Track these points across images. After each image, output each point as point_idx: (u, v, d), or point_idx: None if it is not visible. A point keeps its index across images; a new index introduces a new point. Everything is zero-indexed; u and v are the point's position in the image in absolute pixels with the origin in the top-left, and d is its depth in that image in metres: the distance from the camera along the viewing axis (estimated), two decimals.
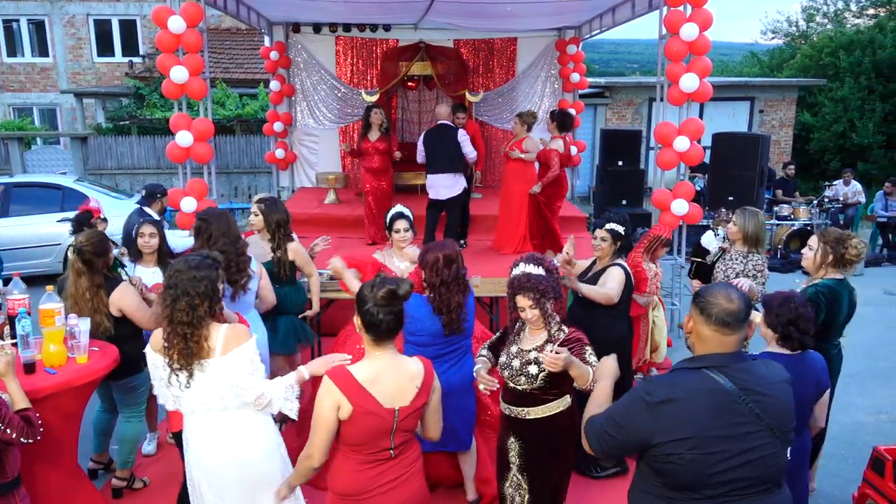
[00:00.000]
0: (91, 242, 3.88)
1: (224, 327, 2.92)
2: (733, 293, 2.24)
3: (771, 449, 2.22)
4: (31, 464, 3.27)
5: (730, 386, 2.19)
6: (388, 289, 2.55)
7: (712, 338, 2.24)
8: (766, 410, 2.20)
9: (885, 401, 5.92)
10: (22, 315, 3.59)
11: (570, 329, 3.18)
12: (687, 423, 2.17)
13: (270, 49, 10.43)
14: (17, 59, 19.03)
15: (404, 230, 4.44)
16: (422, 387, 2.64)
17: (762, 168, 7.95)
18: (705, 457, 2.16)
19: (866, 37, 18.72)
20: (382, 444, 2.60)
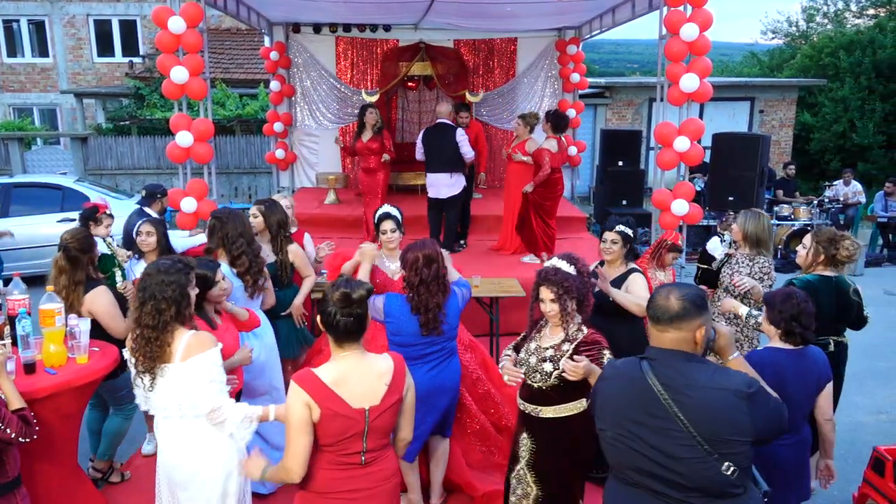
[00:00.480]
0: (76, 239, 3.88)
1: (189, 334, 2.88)
2: (674, 292, 2.28)
3: (691, 454, 2.17)
4: (32, 464, 3.27)
5: (651, 378, 2.24)
6: (341, 291, 2.55)
7: (654, 333, 2.33)
8: (687, 413, 2.17)
9: (885, 401, 5.92)
10: (22, 315, 3.59)
11: (589, 331, 3.16)
12: (608, 403, 2.36)
13: (270, 49, 10.44)
14: (17, 60, 19.04)
15: (391, 231, 4.35)
16: (392, 383, 2.61)
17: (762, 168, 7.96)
18: (621, 438, 2.28)
19: (866, 37, 18.72)
20: (354, 447, 2.56)
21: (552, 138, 7.13)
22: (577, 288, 3.15)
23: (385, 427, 2.62)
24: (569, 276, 3.14)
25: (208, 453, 2.91)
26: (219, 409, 2.84)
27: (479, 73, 10.86)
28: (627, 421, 2.27)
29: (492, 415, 4.36)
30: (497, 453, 4.27)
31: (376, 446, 2.61)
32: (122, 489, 4.24)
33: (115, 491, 4.20)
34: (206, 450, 2.91)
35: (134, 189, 13.18)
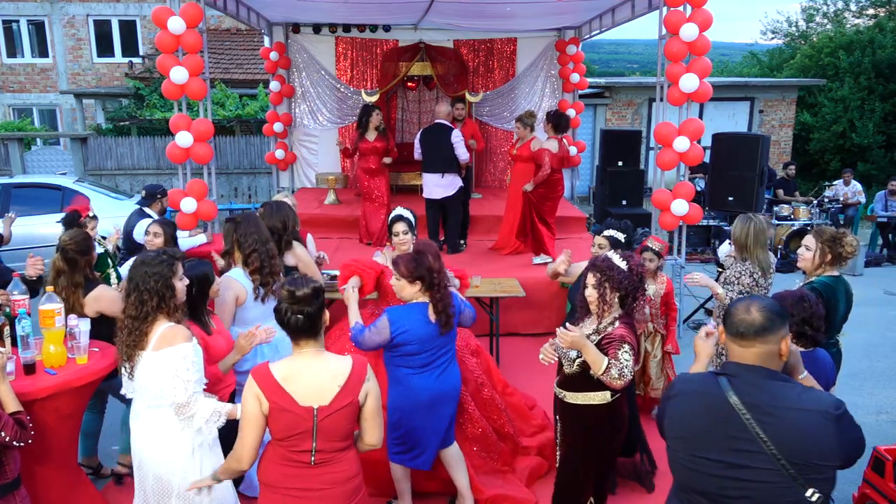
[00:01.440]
0: (75, 241, 3.90)
1: (165, 325, 2.94)
2: (755, 305, 2.17)
3: (770, 478, 2.04)
4: (31, 465, 3.27)
5: (732, 397, 2.10)
6: (287, 289, 2.58)
7: (733, 349, 2.20)
8: (771, 434, 2.04)
9: (885, 401, 5.92)
10: (22, 316, 3.59)
11: (620, 326, 3.19)
12: (682, 422, 2.20)
13: (270, 49, 10.43)
14: (16, 60, 19.04)
15: (403, 233, 4.32)
16: (345, 386, 2.58)
17: (762, 168, 7.94)
18: (696, 460, 2.14)
19: (866, 37, 18.72)
20: (303, 445, 2.56)
21: (553, 139, 7.13)
22: (622, 281, 3.17)
23: (337, 429, 2.59)
24: (616, 267, 3.19)
25: (168, 445, 2.95)
26: (186, 404, 2.88)
27: (478, 73, 10.86)
28: (703, 442, 2.13)
29: (494, 420, 4.33)
30: (498, 459, 4.23)
31: (329, 448, 2.58)
32: (121, 489, 4.23)
33: (114, 491, 4.20)
34: (166, 441, 2.95)
35: (134, 189, 13.17)
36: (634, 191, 10.93)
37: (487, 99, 10.78)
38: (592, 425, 3.25)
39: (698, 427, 2.16)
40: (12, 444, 2.84)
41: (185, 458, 2.96)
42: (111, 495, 4.12)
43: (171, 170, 13.01)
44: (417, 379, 3.55)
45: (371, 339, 3.48)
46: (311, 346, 2.61)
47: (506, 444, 4.34)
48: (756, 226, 4.69)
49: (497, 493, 3.96)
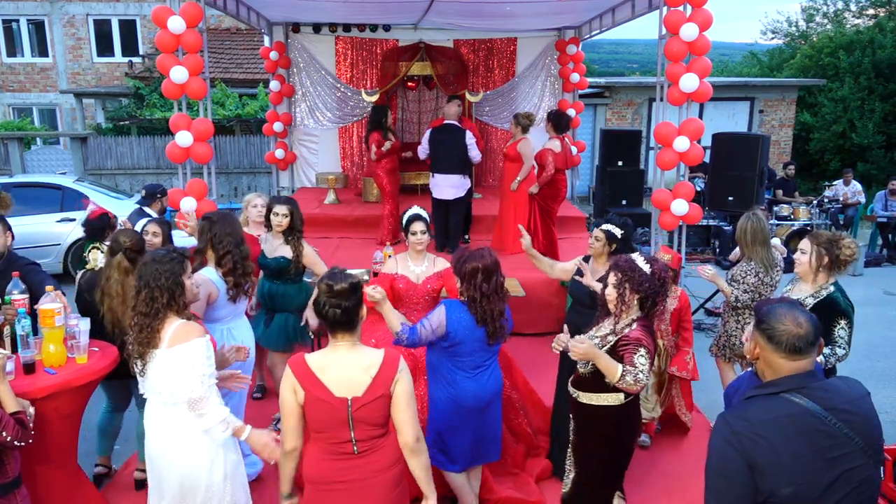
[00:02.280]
0: (134, 241, 3.94)
1: (178, 322, 2.96)
2: (800, 315, 2.11)
3: (867, 471, 2.04)
4: (32, 464, 3.27)
5: (814, 407, 2.03)
6: (325, 283, 2.63)
7: (784, 364, 2.11)
8: (855, 429, 2.03)
9: (885, 401, 5.92)
10: (21, 315, 3.59)
11: (637, 328, 3.17)
12: (779, 450, 1.99)
13: (270, 49, 10.43)
14: (16, 60, 19.04)
15: (421, 232, 4.23)
16: (377, 377, 2.62)
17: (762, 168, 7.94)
18: (806, 487, 1.98)
19: (866, 37, 18.72)
20: (342, 436, 2.61)
21: (555, 139, 7.12)
22: (642, 284, 3.16)
23: (373, 419, 2.63)
24: (638, 269, 3.18)
25: (188, 443, 2.96)
26: (202, 399, 2.89)
27: (478, 72, 10.85)
28: (808, 467, 1.98)
29: (510, 420, 4.29)
30: (510, 462, 4.20)
31: (367, 436, 2.64)
32: (122, 488, 4.23)
33: (115, 491, 4.20)
34: (186, 439, 2.96)
35: (133, 189, 13.18)
36: (634, 191, 10.93)
37: (487, 99, 10.77)
38: (606, 426, 3.24)
39: (798, 453, 1.99)
40: (13, 444, 2.84)
41: (208, 452, 2.98)
42: (111, 495, 4.12)
43: (170, 169, 13.01)
44: (470, 382, 3.51)
45: (427, 334, 3.42)
46: (346, 339, 2.66)
47: (521, 445, 4.34)
48: (753, 223, 4.68)
49: (509, 496, 3.96)
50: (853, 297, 3.91)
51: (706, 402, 5.29)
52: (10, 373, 3.29)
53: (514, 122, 7.36)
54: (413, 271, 4.27)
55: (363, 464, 2.64)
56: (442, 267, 4.30)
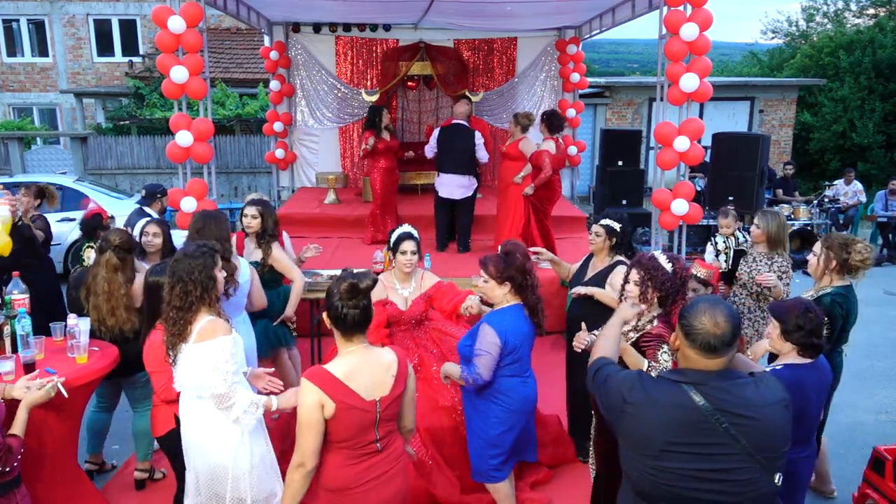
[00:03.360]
0: (123, 239, 4.00)
1: (207, 318, 3.00)
2: (720, 314, 2.15)
3: (749, 474, 2.11)
4: (31, 463, 3.27)
5: (703, 404, 2.11)
6: (349, 282, 2.60)
7: (697, 360, 2.18)
8: (745, 433, 2.10)
9: (885, 400, 5.92)
10: (21, 315, 3.59)
11: (659, 324, 3.18)
12: (651, 433, 2.13)
13: (270, 49, 10.43)
14: (16, 59, 19.03)
15: (411, 252, 4.05)
16: (398, 375, 2.70)
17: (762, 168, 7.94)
18: (663, 472, 2.12)
19: (866, 37, 18.71)
20: (368, 438, 2.63)
21: (550, 139, 7.11)
22: (664, 283, 3.17)
23: (392, 415, 2.73)
24: (660, 267, 3.19)
25: (215, 434, 3.01)
26: (224, 395, 2.94)
27: (479, 72, 10.86)
28: (676, 452, 2.11)
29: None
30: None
31: (387, 432, 2.71)
32: (122, 488, 4.24)
33: (115, 490, 4.21)
34: (214, 430, 3.01)
35: (134, 189, 13.18)
36: (634, 190, 10.92)
37: (487, 98, 10.77)
38: None
39: (666, 438, 2.11)
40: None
41: (235, 443, 3.02)
42: (111, 495, 4.12)
43: (171, 169, 13.01)
44: (524, 386, 3.51)
45: (489, 360, 3.36)
46: (361, 340, 2.67)
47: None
48: (781, 218, 4.83)
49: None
50: None
51: None
52: (11, 373, 3.30)
53: (513, 122, 7.35)
54: (400, 295, 4.13)
55: (385, 456, 2.69)
56: (429, 285, 4.19)
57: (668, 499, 2.15)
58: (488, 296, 3.52)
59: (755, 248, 5.00)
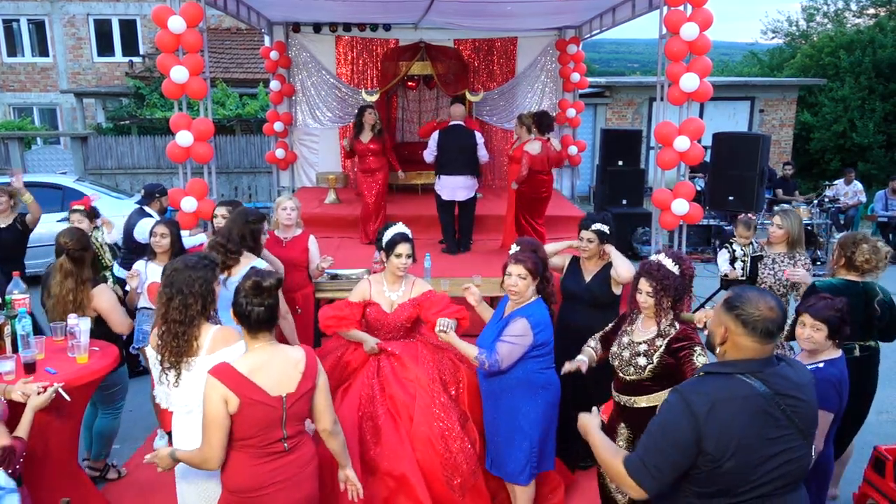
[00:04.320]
0: (74, 239, 3.94)
1: (215, 328, 2.97)
2: (770, 299, 2.19)
3: (801, 451, 2.20)
4: (32, 464, 3.27)
5: (764, 390, 2.14)
6: (253, 281, 2.65)
7: (752, 348, 2.18)
8: (797, 413, 2.17)
9: (885, 400, 5.91)
10: (22, 315, 3.59)
11: (681, 327, 3.18)
12: (729, 430, 2.11)
13: (270, 49, 10.43)
14: (17, 59, 19.03)
15: (406, 256, 3.83)
16: (305, 371, 2.72)
17: (762, 168, 7.93)
18: (745, 463, 2.11)
19: (866, 36, 18.71)
20: (275, 436, 2.64)
21: (536, 140, 7.11)
22: (676, 287, 3.18)
23: (300, 413, 2.73)
24: (670, 273, 3.18)
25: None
26: None
27: (479, 72, 10.85)
28: (751, 446, 2.12)
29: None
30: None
31: (294, 433, 2.71)
32: (122, 488, 4.25)
33: (115, 490, 4.21)
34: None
35: (134, 189, 13.17)
36: (635, 190, 10.93)
37: (488, 98, 10.77)
38: None
39: (746, 431, 2.11)
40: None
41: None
42: (111, 494, 4.12)
43: (171, 169, 13.00)
44: (556, 376, 3.56)
45: (513, 351, 3.39)
46: (267, 338, 2.71)
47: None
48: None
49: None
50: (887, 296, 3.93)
51: None
52: (11, 373, 3.30)
53: (518, 123, 7.35)
54: (387, 297, 3.93)
55: (294, 459, 2.70)
56: (420, 292, 3.98)
57: (744, 491, 2.15)
58: (520, 293, 3.50)
59: (772, 250, 5.00)
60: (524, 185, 7.12)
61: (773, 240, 4.96)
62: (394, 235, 3.85)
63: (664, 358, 3.14)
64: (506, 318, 3.57)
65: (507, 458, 3.60)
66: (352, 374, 3.95)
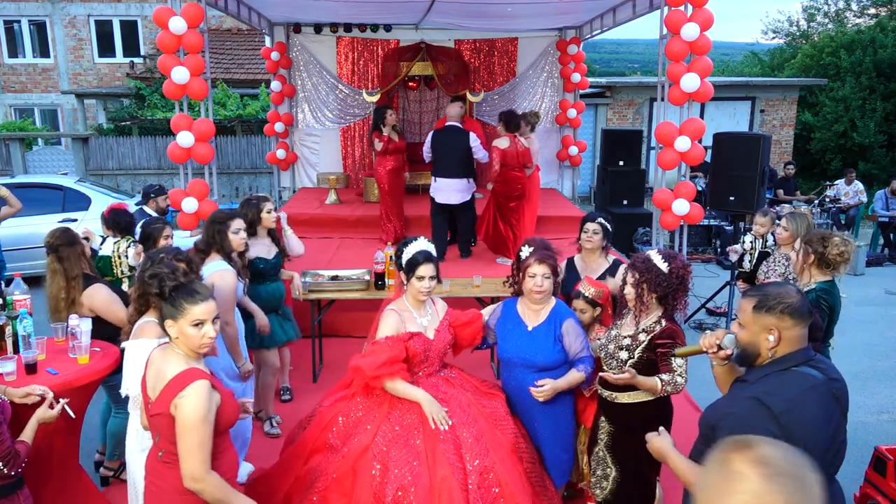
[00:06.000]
0: (55, 236, 3.98)
1: (146, 319, 3.05)
2: (790, 287, 2.23)
3: (843, 428, 2.21)
4: (34, 464, 3.27)
5: (822, 377, 2.15)
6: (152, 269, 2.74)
7: (801, 335, 2.19)
8: (841, 395, 2.19)
9: (886, 400, 5.92)
10: (23, 315, 3.59)
11: (667, 324, 3.19)
12: (805, 426, 2.07)
13: (271, 49, 10.44)
14: (18, 60, 19.05)
15: (430, 278, 3.34)
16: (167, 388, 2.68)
17: (763, 168, 7.92)
18: (820, 452, 2.06)
19: (867, 36, 18.69)
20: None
21: (504, 136, 7.09)
22: (661, 283, 3.17)
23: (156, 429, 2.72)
24: (654, 268, 3.18)
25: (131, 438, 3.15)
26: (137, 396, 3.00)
27: (479, 72, 10.86)
28: (825, 434, 2.11)
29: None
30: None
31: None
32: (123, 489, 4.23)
33: (115, 490, 4.21)
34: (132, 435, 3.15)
35: (135, 189, 13.18)
36: (635, 190, 10.92)
37: (488, 99, 10.77)
38: (649, 418, 3.19)
39: (824, 422, 2.11)
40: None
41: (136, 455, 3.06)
42: (112, 494, 4.12)
43: (172, 170, 13.02)
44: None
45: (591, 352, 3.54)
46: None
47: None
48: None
49: None
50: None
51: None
52: (12, 373, 3.30)
53: (522, 123, 7.36)
54: (419, 324, 3.40)
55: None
56: (444, 310, 3.57)
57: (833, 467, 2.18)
58: (547, 293, 3.46)
59: (779, 250, 5.04)
60: (498, 184, 7.13)
61: (779, 241, 5.03)
62: (415, 255, 3.35)
63: (645, 353, 3.16)
64: (550, 324, 3.44)
65: (556, 470, 3.55)
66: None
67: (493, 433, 3.25)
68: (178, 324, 2.50)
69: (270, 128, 10.64)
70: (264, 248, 4.75)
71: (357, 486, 3.04)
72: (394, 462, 3.06)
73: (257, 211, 4.71)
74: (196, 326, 2.49)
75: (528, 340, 3.46)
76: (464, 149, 7.30)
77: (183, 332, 2.49)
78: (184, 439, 2.40)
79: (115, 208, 5.09)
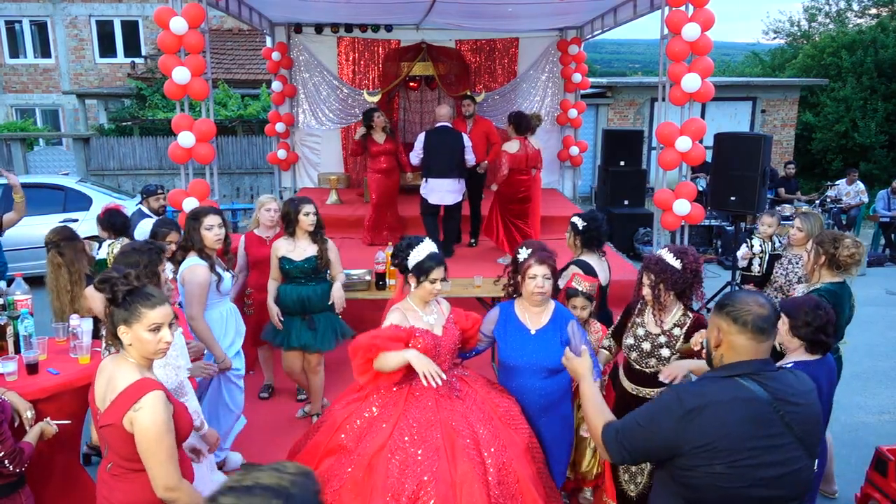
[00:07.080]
0: (56, 232, 4.03)
1: None
2: (758, 297, 2.19)
3: (801, 462, 2.11)
4: (34, 463, 3.27)
5: (763, 394, 2.08)
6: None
7: (747, 346, 2.15)
8: (796, 421, 2.10)
9: (887, 401, 5.91)
10: (24, 315, 3.60)
11: (694, 315, 3.27)
12: (719, 434, 2.05)
13: (272, 50, 10.44)
14: (19, 60, 19.07)
15: (441, 281, 3.36)
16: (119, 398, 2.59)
17: (764, 168, 7.92)
18: (739, 471, 2.04)
19: (868, 36, 18.68)
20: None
21: (515, 140, 7.12)
22: (677, 281, 3.23)
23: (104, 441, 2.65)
24: (668, 267, 3.23)
25: None
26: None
27: (480, 73, 10.86)
28: (744, 450, 2.04)
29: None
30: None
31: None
32: None
33: None
34: None
35: (136, 190, 13.19)
36: (636, 190, 10.93)
37: (489, 99, 10.77)
38: None
39: (741, 437, 2.05)
40: (2, 462, 2.80)
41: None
42: None
43: (173, 170, 13.03)
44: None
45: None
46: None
47: None
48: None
49: None
50: (855, 297, 3.91)
51: None
52: (13, 373, 3.30)
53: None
54: (426, 323, 3.39)
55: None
56: (448, 310, 3.55)
57: (732, 500, 2.08)
58: (547, 294, 3.42)
59: (790, 251, 5.02)
60: (503, 185, 7.14)
61: (793, 242, 5.00)
62: (425, 258, 3.34)
63: (684, 346, 3.26)
64: (556, 325, 3.41)
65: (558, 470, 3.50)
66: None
67: (507, 431, 3.23)
68: (132, 329, 2.39)
69: (271, 128, 10.64)
70: (294, 248, 4.65)
71: (373, 482, 3.00)
72: (412, 457, 3.03)
73: (295, 212, 4.65)
74: (153, 331, 2.39)
75: (535, 344, 3.39)
76: (458, 149, 7.33)
77: (138, 338, 2.39)
78: (150, 451, 2.33)
79: (110, 209, 5.07)
